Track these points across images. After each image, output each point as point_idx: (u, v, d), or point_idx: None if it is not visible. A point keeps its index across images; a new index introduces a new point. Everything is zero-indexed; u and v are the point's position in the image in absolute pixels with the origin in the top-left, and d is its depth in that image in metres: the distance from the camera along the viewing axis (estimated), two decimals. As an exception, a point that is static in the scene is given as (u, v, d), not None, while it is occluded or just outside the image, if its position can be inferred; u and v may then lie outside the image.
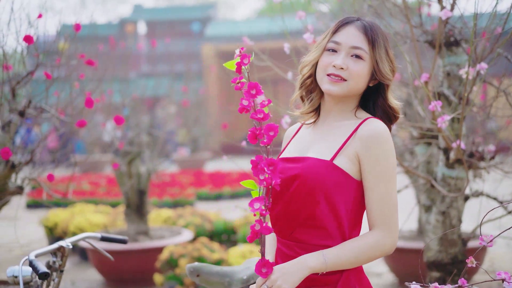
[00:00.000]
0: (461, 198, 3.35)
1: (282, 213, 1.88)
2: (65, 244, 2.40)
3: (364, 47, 1.89)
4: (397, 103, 1.98)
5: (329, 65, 1.90)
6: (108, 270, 5.96)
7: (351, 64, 1.88)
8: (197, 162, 18.14)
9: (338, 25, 1.94)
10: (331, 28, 1.96)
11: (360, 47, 1.89)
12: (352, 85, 1.90)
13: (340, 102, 1.95)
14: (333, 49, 1.91)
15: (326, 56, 1.92)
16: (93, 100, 3.35)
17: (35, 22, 3.64)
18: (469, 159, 3.22)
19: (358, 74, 1.89)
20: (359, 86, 1.91)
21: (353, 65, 1.88)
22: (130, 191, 6.07)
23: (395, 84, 4.72)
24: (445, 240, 3.33)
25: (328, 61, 1.90)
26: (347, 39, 1.90)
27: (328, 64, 1.90)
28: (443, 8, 3.07)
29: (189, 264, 2.32)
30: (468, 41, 3.25)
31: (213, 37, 24.41)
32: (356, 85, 1.91)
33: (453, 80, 3.24)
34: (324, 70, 1.91)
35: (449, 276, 3.36)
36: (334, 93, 1.90)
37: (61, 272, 2.39)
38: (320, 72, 1.93)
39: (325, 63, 1.91)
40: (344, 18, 1.96)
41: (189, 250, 5.40)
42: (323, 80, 1.92)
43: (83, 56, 3.94)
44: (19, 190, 3.67)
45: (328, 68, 1.90)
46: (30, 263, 2.16)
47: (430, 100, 2.98)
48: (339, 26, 1.93)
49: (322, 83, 1.92)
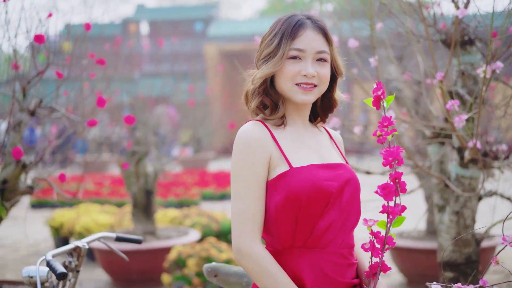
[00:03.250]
0: (475, 198, 3.33)
1: (337, 220, 1.81)
2: (81, 244, 2.38)
3: (326, 49, 1.88)
4: (342, 95, 2.00)
5: (297, 74, 1.84)
6: (116, 270, 5.95)
7: (319, 69, 1.86)
8: (201, 162, 18.13)
9: (294, 31, 1.84)
10: (283, 34, 1.84)
11: (324, 50, 1.87)
12: (322, 89, 1.90)
13: (304, 107, 1.93)
14: (297, 57, 1.85)
15: (290, 64, 1.84)
16: (105, 100, 3.34)
17: (46, 21, 3.63)
18: (484, 159, 3.20)
19: (326, 77, 1.88)
20: (326, 87, 1.91)
21: (321, 70, 1.86)
22: (137, 191, 6.06)
23: (405, 82, 4.70)
24: (459, 240, 3.31)
25: (295, 69, 1.84)
26: (310, 44, 1.84)
27: (295, 73, 1.84)
28: (457, 7, 3.06)
29: (207, 264, 2.30)
30: (482, 40, 3.23)
31: (216, 37, 24.41)
32: (325, 88, 1.91)
33: (467, 79, 3.22)
34: (292, 79, 1.85)
35: (463, 276, 3.34)
36: (308, 101, 1.88)
37: (77, 273, 2.38)
38: (286, 81, 1.85)
39: (291, 72, 1.84)
40: (294, 21, 1.85)
41: (197, 250, 5.38)
42: (292, 90, 1.85)
43: (93, 55, 3.92)
44: (29, 190, 3.65)
45: (296, 77, 1.85)
46: (48, 263, 2.14)
47: (444, 99, 2.96)
48: (295, 31, 1.84)
49: (293, 94, 1.86)
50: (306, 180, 1.78)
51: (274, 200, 1.79)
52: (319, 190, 1.77)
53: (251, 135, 1.82)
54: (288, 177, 1.78)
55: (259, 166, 1.80)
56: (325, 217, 1.79)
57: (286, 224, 1.78)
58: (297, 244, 1.79)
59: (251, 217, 1.78)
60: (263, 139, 1.82)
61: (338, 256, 1.82)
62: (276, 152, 1.83)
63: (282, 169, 1.81)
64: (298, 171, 1.79)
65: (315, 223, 1.78)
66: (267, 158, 1.81)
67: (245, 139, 1.82)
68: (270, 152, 1.82)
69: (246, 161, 1.79)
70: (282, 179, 1.79)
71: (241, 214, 1.79)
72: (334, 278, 1.80)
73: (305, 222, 1.77)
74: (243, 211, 1.79)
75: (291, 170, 1.79)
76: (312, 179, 1.78)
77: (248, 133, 1.83)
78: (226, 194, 11.86)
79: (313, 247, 1.79)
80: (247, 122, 1.87)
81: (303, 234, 1.78)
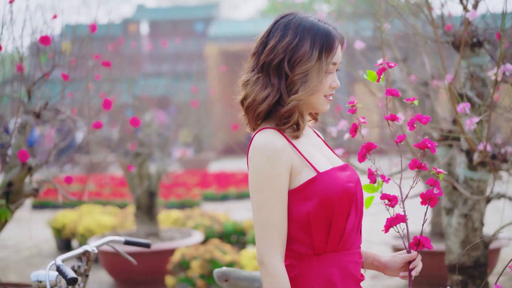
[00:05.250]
0: (483, 201, 3.31)
1: (355, 220, 1.85)
2: (90, 248, 2.36)
3: None
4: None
5: (328, 87, 1.86)
6: (119, 272, 5.93)
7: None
8: (201, 162, 18.10)
9: (331, 44, 1.82)
10: (322, 47, 1.82)
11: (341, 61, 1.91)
12: None
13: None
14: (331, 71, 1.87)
15: (325, 78, 1.85)
16: (111, 102, 3.32)
17: (51, 23, 3.62)
18: (493, 161, 3.19)
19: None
20: None
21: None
22: (140, 192, 6.04)
23: (410, 84, 4.68)
24: (468, 243, 3.30)
25: (328, 83, 1.85)
26: (340, 57, 1.87)
27: (328, 87, 1.86)
28: (465, 9, 3.04)
29: (217, 269, 2.28)
30: (491, 42, 3.21)
31: (216, 37, 24.37)
32: None
33: (476, 82, 3.20)
34: (324, 92, 1.86)
35: (471, 279, 3.33)
36: (327, 109, 1.92)
37: (86, 277, 2.36)
38: (319, 95, 1.85)
39: (326, 86, 1.85)
40: (327, 32, 1.83)
41: (201, 252, 5.37)
42: (321, 102, 1.86)
43: (99, 57, 3.91)
44: (34, 193, 3.63)
45: (327, 90, 1.86)
46: (58, 268, 2.13)
47: (453, 101, 2.94)
48: (332, 44, 1.83)
49: (321, 105, 1.87)
50: (335, 183, 1.79)
51: (304, 207, 1.78)
52: (346, 192, 1.79)
53: (272, 144, 1.78)
54: (318, 183, 1.78)
55: (282, 175, 1.77)
56: (349, 219, 1.82)
57: (320, 230, 1.78)
58: (329, 249, 1.81)
59: (275, 229, 1.77)
60: (284, 147, 1.79)
61: (358, 256, 1.87)
62: (297, 159, 1.80)
63: (308, 175, 1.79)
64: (325, 176, 1.79)
65: (344, 226, 1.81)
66: (289, 166, 1.78)
67: (265, 148, 1.78)
68: (291, 160, 1.79)
69: (269, 170, 1.76)
70: (311, 185, 1.78)
71: (265, 226, 1.77)
72: (356, 277, 1.86)
73: (337, 226, 1.79)
74: (267, 222, 1.77)
75: (319, 175, 1.79)
76: (340, 182, 1.80)
77: (268, 141, 1.78)
78: (228, 195, 11.84)
79: (341, 250, 1.82)
80: (261, 130, 1.82)
81: (335, 238, 1.80)
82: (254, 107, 1.83)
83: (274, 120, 1.84)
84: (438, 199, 1.75)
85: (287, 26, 1.83)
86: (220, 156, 21.11)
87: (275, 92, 1.81)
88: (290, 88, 1.81)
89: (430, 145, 1.76)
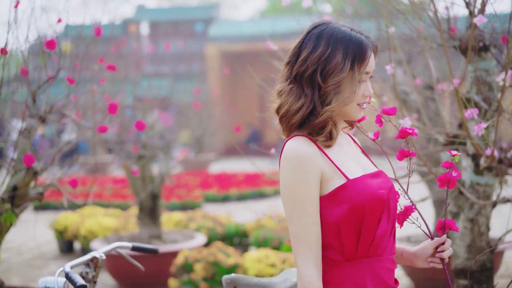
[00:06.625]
0: (490, 205, 3.31)
1: (388, 227, 1.86)
2: (98, 255, 2.36)
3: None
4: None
5: (361, 96, 1.87)
6: (122, 275, 5.91)
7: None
8: (202, 163, 18.10)
9: (363, 54, 1.83)
10: (354, 57, 1.82)
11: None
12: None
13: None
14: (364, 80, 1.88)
15: (358, 88, 1.86)
16: (116, 106, 3.31)
17: (55, 26, 3.60)
18: (499, 166, 3.18)
19: None
20: None
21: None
22: (143, 194, 6.03)
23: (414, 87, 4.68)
24: (474, 248, 3.29)
25: (361, 92, 1.87)
26: (372, 66, 1.88)
27: (361, 95, 1.87)
28: (472, 14, 3.03)
29: (226, 275, 2.28)
30: (497, 46, 3.21)
31: (217, 38, 24.36)
32: None
33: (482, 86, 3.19)
34: (357, 101, 1.87)
35: (477, 284, 3.33)
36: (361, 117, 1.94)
37: (94, 283, 2.35)
38: (352, 104, 1.86)
39: (359, 95, 1.86)
40: (359, 42, 1.83)
41: (204, 255, 5.36)
42: (354, 110, 1.88)
43: (103, 60, 3.90)
44: (39, 196, 3.63)
45: (360, 98, 1.87)
46: (67, 275, 2.12)
47: (459, 106, 2.94)
48: (364, 54, 1.83)
49: (354, 113, 1.88)
50: (366, 190, 1.80)
51: (334, 213, 1.79)
52: (377, 199, 1.80)
53: (301, 151, 1.79)
54: (348, 189, 1.79)
55: (311, 182, 1.78)
56: (380, 225, 1.82)
57: (350, 236, 1.80)
58: (360, 255, 1.82)
59: (312, 240, 1.78)
60: (313, 154, 1.80)
61: (390, 262, 1.88)
62: (327, 166, 1.81)
63: (339, 182, 1.81)
64: (356, 182, 1.81)
65: (374, 232, 1.81)
66: (319, 174, 1.79)
67: (295, 155, 1.79)
68: (321, 167, 1.80)
69: (297, 177, 1.77)
70: (341, 192, 1.79)
71: (301, 237, 1.78)
72: (388, 284, 1.86)
73: (367, 232, 1.80)
74: (302, 233, 1.78)
75: (349, 182, 1.80)
76: (370, 189, 1.81)
77: (297, 149, 1.80)
78: (229, 196, 11.83)
79: (372, 256, 1.83)
80: (293, 138, 1.84)
81: (365, 244, 1.81)
82: (289, 117, 1.85)
83: (307, 129, 1.85)
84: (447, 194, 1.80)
85: (320, 37, 1.84)
86: (220, 156, 21.11)
87: (308, 103, 1.82)
88: (323, 99, 1.82)
89: (411, 132, 1.81)
